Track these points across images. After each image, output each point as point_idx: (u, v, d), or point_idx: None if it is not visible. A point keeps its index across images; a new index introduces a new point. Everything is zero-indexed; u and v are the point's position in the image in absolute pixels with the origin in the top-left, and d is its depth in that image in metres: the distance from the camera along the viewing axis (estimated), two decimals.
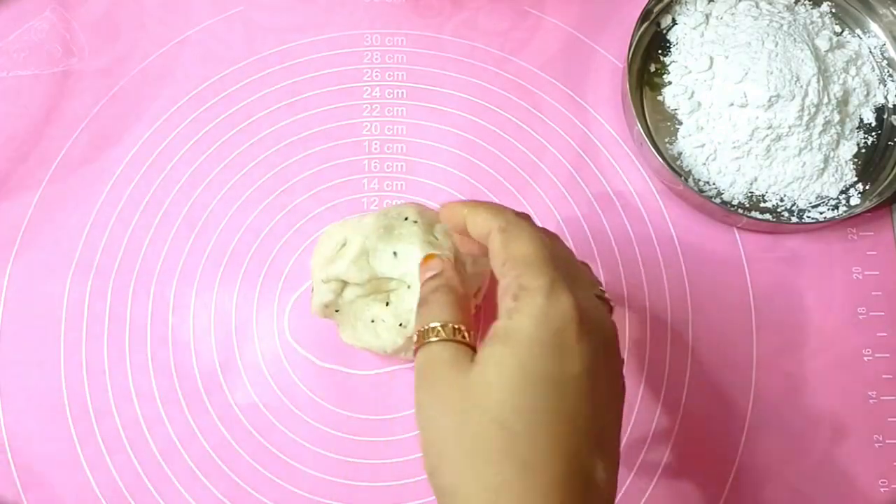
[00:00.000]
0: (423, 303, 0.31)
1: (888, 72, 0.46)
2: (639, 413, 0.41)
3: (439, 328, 0.29)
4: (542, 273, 0.27)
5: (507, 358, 0.26)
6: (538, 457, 0.25)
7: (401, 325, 0.36)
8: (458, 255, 0.35)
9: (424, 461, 0.27)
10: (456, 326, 0.29)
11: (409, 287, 0.35)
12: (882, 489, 0.40)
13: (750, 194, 0.44)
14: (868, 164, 0.44)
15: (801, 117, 0.41)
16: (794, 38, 0.43)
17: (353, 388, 0.41)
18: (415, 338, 0.29)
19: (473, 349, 0.28)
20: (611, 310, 0.30)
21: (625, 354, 0.41)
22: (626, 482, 0.40)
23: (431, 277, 0.32)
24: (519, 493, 0.25)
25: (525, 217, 0.30)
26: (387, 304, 0.36)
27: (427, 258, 0.33)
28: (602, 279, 0.43)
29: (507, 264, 0.28)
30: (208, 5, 0.48)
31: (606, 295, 0.31)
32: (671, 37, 0.46)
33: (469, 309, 0.31)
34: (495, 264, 0.29)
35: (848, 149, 0.44)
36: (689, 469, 0.41)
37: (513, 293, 0.27)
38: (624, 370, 0.30)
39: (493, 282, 0.31)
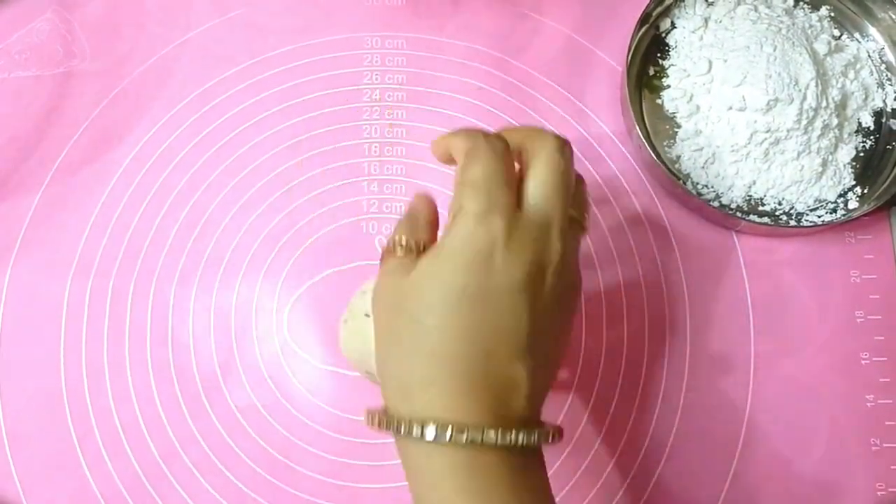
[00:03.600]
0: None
1: (886, 76, 0.46)
2: (636, 414, 0.41)
3: (392, 244, 0.32)
4: (481, 197, 0.29)
5: (432, 268, 0.29)
6: (446, 349, 0.28)
7: None
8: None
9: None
10: (404, 238, 0.32)
11: None
12: (879, 492, 0.40)
13: (748, 198, 0.44)
14: (866, 168, 0.45)
15: (799, 121, 0.42)
16: (793, 42, 0.43)
17: (353, 390, 0.41)
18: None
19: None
20: (582, 228, 0.33)
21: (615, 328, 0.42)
22: (623, 484, 0.40)
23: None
24: (424, 378, 0.28)
25: (497, 140, 0.31)
26: None
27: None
28: (600, 281, 0.43)
29: (458, 186, 0.30)
30: (209, 7, 0.48)
31: (578, 216, 0.33)
32: (670, 40, 0.46)
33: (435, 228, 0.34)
34: (455, 185, 0.31)
35: (846, 152, 0.44)
36: (686, 472, 0.41)
37: (454, 212, 0.30)
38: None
39: None
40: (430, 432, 0.28)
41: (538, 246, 0.30)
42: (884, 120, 0.45)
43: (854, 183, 0.44)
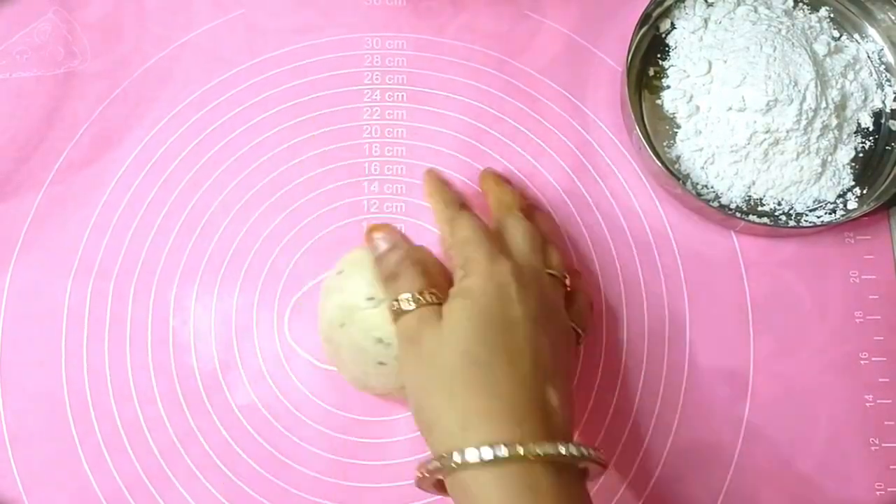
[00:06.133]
0: (391, 277, 0.35)
1: (886, 76, 0.46)
2: (636, 415, 0.41)
3: (409, 298, 0.34)
4: (484, 245, 0.35)
5: (466, 306, 0.33)
6: (499, 381, 0.31)
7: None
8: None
9: (412, 407, 0.33)
10: (425, 292, 0.34)
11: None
12: (878, 492, 0.41)
13: (748, 198, 0.44)
14: (865, 169, 0.45)
15: (798, 121, 0.42)
16: (793, 43, 0.43)
17: (353, 390, 0.41)
18: (392, 309, 0.35)
19: (440, 305, 0.34)
20: (564, 286, 0.37)
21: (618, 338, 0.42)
22: (623, 485, 0.41)
23: (389, 251, 0.37)
24: (485, 414, 0.30)
25: (466, 209, 0.38)
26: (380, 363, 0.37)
27: (373, 229, 0.38)
28: (600, 281, 0.43)
29: (456, 245, 0.36)
30: (210, 8, 0.48)
31: (558, 274, 0.37)
32: (670, 41, 0.46)
33: (436, 268, 0.36)
34: (444, 249, 0.37)
35: (845, 153, 0.44)
36: (685, 472, 0.41)
37: (461, 264, 0.34)
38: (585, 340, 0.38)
39: None
40: (487, 452, 0.29)
41: (540, 284, 0.35)
42: (883, 121, 0.45)
43: (853, 183, 0.44)
